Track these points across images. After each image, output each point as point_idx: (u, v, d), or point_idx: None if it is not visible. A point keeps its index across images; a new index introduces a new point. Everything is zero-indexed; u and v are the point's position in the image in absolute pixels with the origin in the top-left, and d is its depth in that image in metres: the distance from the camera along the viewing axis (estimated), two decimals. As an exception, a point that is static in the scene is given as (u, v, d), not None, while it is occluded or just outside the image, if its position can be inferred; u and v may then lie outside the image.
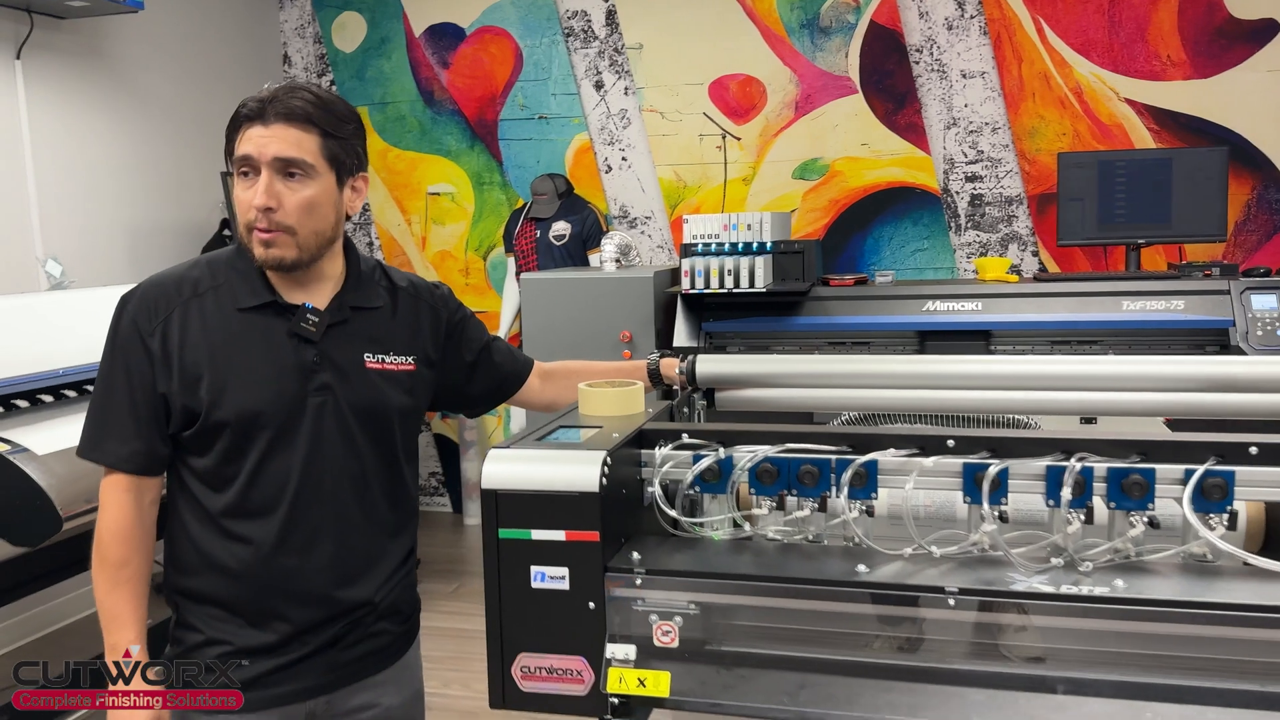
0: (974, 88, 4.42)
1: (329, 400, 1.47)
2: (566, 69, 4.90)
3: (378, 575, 1.55)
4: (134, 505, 1.46)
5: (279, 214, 1.42)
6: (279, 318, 1.48)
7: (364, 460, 1.51)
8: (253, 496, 1.45)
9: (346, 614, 1.51)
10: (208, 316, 1.45)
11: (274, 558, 1.46)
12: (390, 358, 1.55)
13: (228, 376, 1.43)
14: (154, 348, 1.43)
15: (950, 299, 3.52)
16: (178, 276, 1.49)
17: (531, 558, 1.27)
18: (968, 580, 1.20)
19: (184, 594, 1.50)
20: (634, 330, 3.68)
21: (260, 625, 1.47)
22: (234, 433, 1.43)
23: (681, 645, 1.26)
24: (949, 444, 1.32)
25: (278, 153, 1.41)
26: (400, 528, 1.60)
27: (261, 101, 1.43)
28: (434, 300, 1.67)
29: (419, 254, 5.22)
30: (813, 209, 4.64)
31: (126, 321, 1.45)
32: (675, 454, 1.39)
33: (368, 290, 1.57)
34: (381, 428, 1.53)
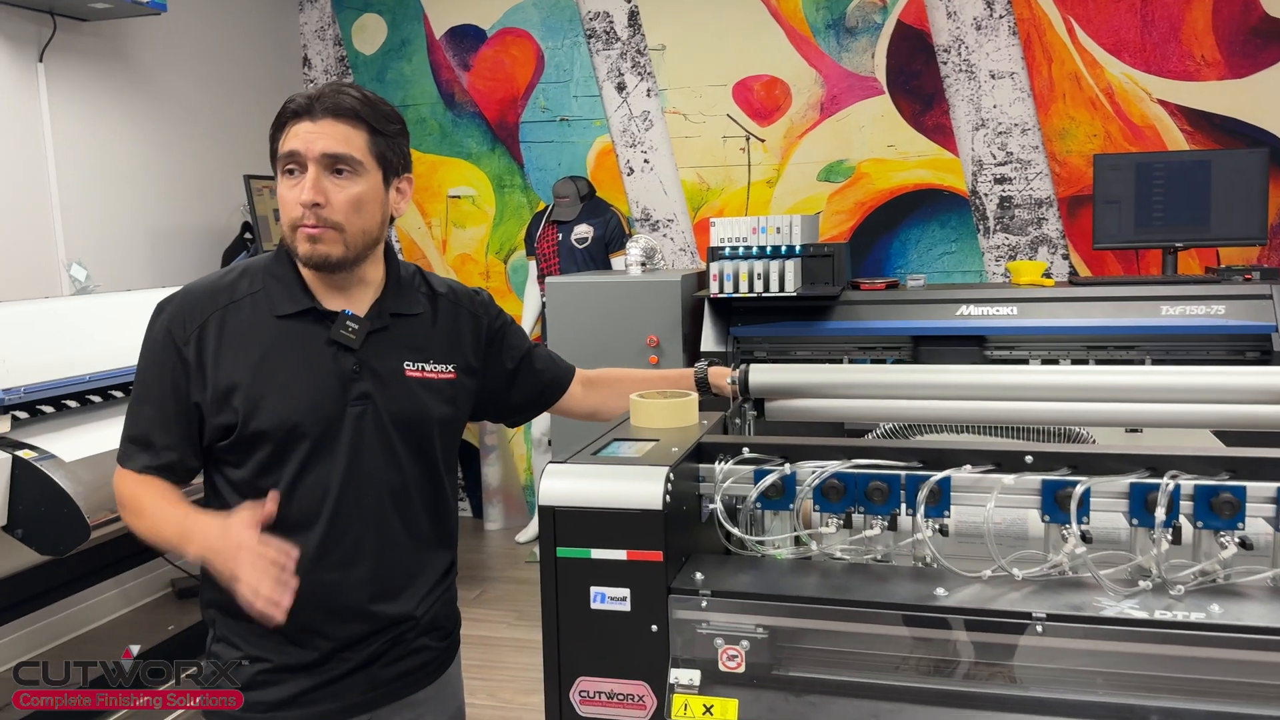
0: (1003, 88, 4.35)
1: (369, 409, 1.43)
2: (588, 70, 4.85)
3: (419, 590, 1.51)
4: None
5: (326, 210, 1.39)
6: (318, 325, 1.44)
7: (405, 471, 1.47)
8: (291, 509, 1.40)
9: (387, 630, 1.47)
10: (245, 324, 1.42)
11: (313, 572, 1.40)
12: (430, 366, 1.51)
13: (265, 386, 1.39)
14: (189, 356, 1.40)
15: (984, 303, 3.46)
16: (213, 283, 1.46)
17: (591, 578, 1.22)
18: (1054, 605, 1.14)
19: (221, 609, 1.46)
20: (660, 335, 3.63)
21: (299, 642, 1.43)
22: (271, 443, 1.39)
23: (748, 670, 1.21)
24: (1027, 460, 1.26)
25: (326, 148, 1.38)
26: (441, 541, 1.56)
27: (309, 98, 1.40)
28: (474, 307, 1.62)
29: (439, 257, 5.18)
30: (838, 211, 4.59)
31: (161, 330, 1.43)
32: (737, 469, 1.34)
33: (408, 297, 1.53)
34: (422, 438, 1.49)
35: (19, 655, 3.65)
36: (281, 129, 1.41)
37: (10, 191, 3.59)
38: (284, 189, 1.40)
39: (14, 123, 3.61)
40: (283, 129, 1.41)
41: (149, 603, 4.08)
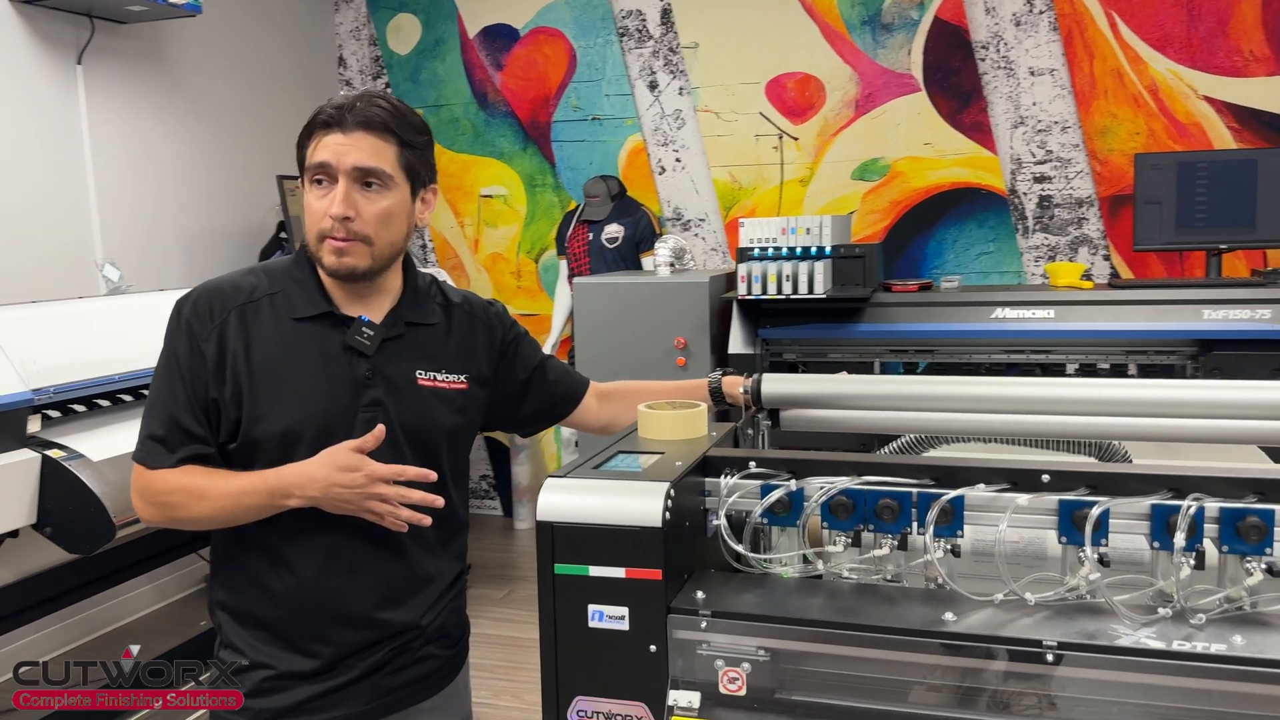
0: (1043, 85, 4.25)
1: (379, 416, 1.43)
2: (620, 69, 4.82)
3: (425, 598, 1.50)
4: None
5: (356, 223, 1.40)
6: (334, 329, 1.44)
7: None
8: (300, 515, 1.40)
9: (392, 638, 1.47)
10: (263, 324, 1.43)
11: (320, 579, 1.42)
12: (443, 375, 1.51)
13: (280, 386, 1.40)
14: (209, 353, 1.40)
15: (1021, 305, 3.38)
16: (234, 282, 1.47)
17: (589, 595, 1.19)
18: (1067, 633, 1.09)
19: (229, 611, 1.47)
20: (688, 336, 3.60)
21: (303, 649, 1.43)
22: (282, 444, 1.40)
23: (749, 694, 1.17)
24: (1044, 479, 1.21)
25: (357, 161, 1.39)
26: (448, 550, 1.56)
27: (339, 109, 1.39)
28: (488, 318, 1.63)
29: (471, 257, 5.18)
30: (872, 211, 4.52)
31: (182, 326, 1.43)
32: (742, 484, 1.30)
33: (424, 306, 1.54)
34: (430, 447, 1.49)
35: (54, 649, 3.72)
36: (310, 137, 1.42)
37: (48, 192, 3.64)
38: (312, 199, 1.41)
39: (53, 124, 3.66)
40: (311, 138, 1.42)
41: (183, 598, 4.14)
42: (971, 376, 1.79)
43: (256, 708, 1.44)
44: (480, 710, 3.24)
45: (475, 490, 5.37)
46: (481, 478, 5.35)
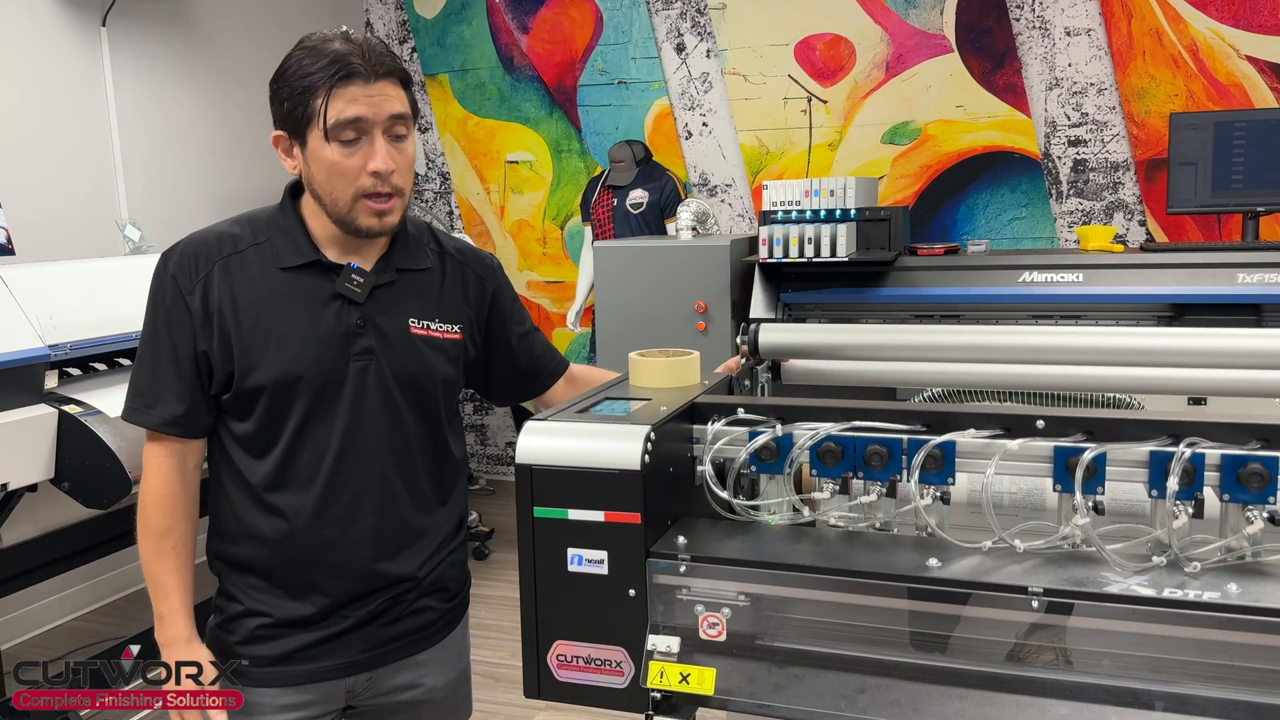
0: (1079, 46, 4.13)
1: (372, 365, 1.41)
2: (647, 32, 4.76)
3: (422, 549, 1.49)
4: (177, 471, 1.42)
5: (395, 177, 1.36)
6: (322, 278, 1.41)
7: (407, 430, 1.45)
8: (292, 463, 1.40)
9: (388, 588, 1.46)
10: (249, 274, 1.39)
11: (313, 528, 1.41)
12: (436, 325, 1.48)
13: (268, 337, 1.37)
14: (195, 306, 1.37)
15: (1048, 269, 3.29)
16: (218, 233, 1.43)
17: (568, 539, 1.18)
18: (1054, 579, 1.05)
19: (225, 561, 1.47)
20: (709, 300, 3.55)
21: (299, 597, 1.43)
22: (273, 396, 1.38)
23: (729, 639, 1.15)
24: (1038, 425, 1.17)
25: (392, 110, 1.34)
26: (446, 500, 1.53)
27: (355, 57, 1.32)
28: (482, 270, 1.58)
29: (497, 223, 5.17)
30: (903, 175, 4.43)
31: (168, 280, 1.39)
32: (729, 430, 1.27)
33: (416, 252, 1.50)
34: (424, 396, 1.47)
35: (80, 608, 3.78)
36: (317, 91, 1.32)
37: (74, 154, 3.68)
38: (341, 156, 1.33)
39: (77, 86, 3.69)
40: (319, 91, 1.32)
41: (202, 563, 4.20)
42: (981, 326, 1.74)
43: (252, 654, 1.44)
44: (499, 671, 3.26)
45: (501, 457, 5.39)
46: (507, 445, 5.37)
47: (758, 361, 1.58)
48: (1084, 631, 1.05)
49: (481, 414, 5.40)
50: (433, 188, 5.30)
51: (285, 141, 1.39)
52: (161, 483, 1.41)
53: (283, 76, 1.36)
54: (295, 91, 1.33)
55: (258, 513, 1.42)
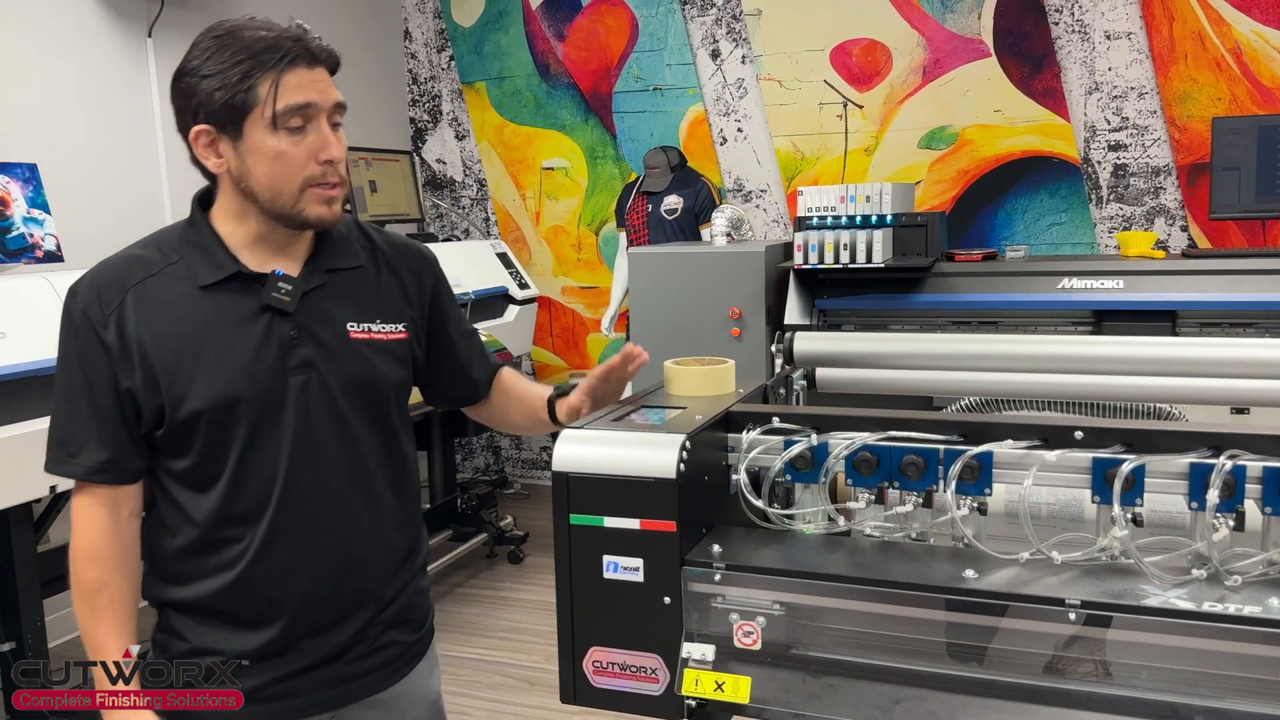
0: (1119, 49, 4.09)
1: (313, 378, 1.30)
2: (683, 38, 4.77)
3: (382, 574, 1.38)
4: (109, 520, 1.30)
5: (340, 165, 1.28)
6: (246, 291, 1.29)
7: (360, 443, 1.34)
8: (239, 494, 1.28)
9: (349, 618, 1.35)
10: (166, 298, 1.27)
11: (265, 559, 1.29)
12: (378, 326, 1.37)
13: (196, 363, 1.26)
14: (110, 340, 1.25)
15: (1088, 275, 3.26)
16: (125, 258, 1.31)
17: (604, 546, 1.19)
18: (1092, 592, 1.05)
19: (169, 604, 1.34)
20: (744, 307, 3.55)
21: (254, 632, 1.31)
22: (210, 425, 1.26)
23: (764, 648, 1.15)
24: (1077, 436, 1.16)
25: (337, 97, 1.27)
26: (405, 518, 1.42)
27: (297, 40, 1.25)
28: (419, 264, 1.47)
29: (532, 229, 5.20)
30: (939, 180, 4.41)
31: (78, 315, 1.27)
32: (764, 439, 1.28)
33: (344, 250, 1.38)
34: (375, 405, 1.36)
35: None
36: (257, 79, 1.22)
37: (121, 162, 3.75)
38: (287, 145, 1.23)
39: (124, 96, 3.77)
40: (259, 76, 1.22)
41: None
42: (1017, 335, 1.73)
43: None
44: (533, 674, 3.28)
45: (535, 462, 5.42)
46: (542, 449, 5.39)
47: (792, 369, 1.58)
48: (1122, 644, 1.04)
49: (517, 418, 5.43)
50: (469, 194, 5.34)
51: (210, 136, 1.25)
52: (93, 534, 1.29)
53: (202, 66, 1.23)
54: (230, 80, 1.21)
55: (205, 551, 1.30)
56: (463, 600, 3.91)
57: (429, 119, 5.38)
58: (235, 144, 1.24)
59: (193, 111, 1.24)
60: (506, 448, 5.48)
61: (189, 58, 1.25)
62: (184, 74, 1.25)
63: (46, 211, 2.91)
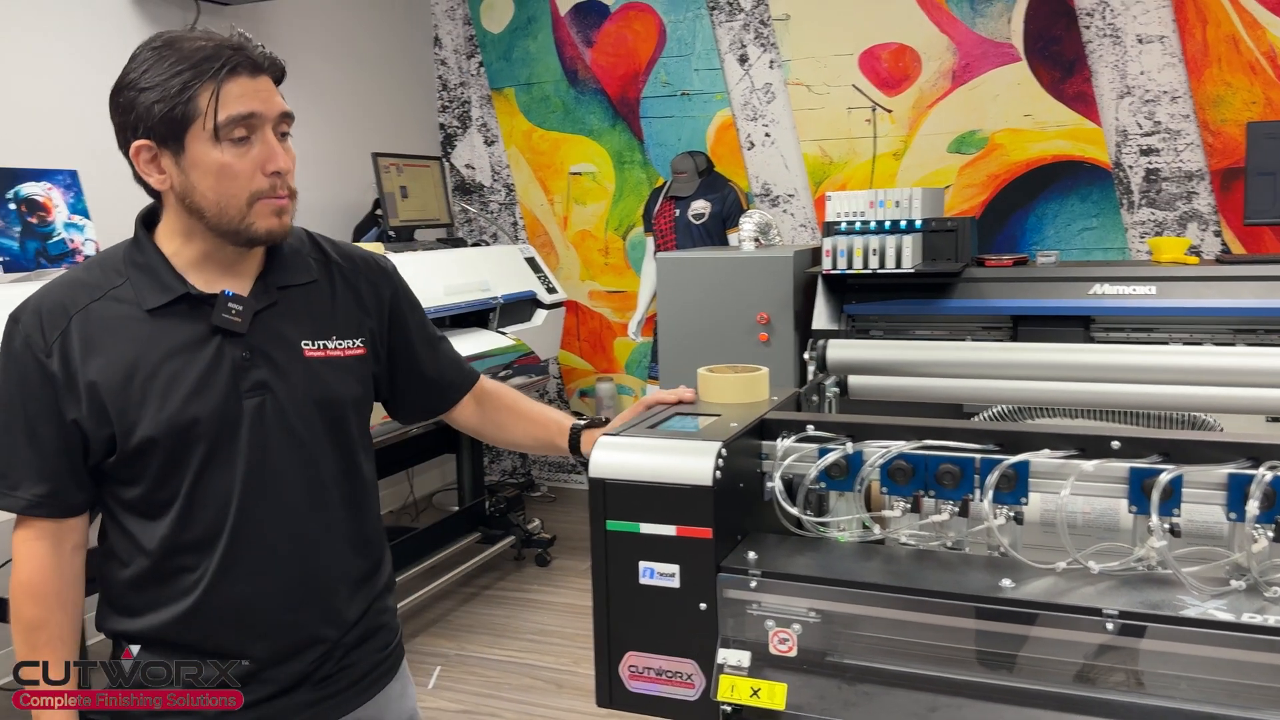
0: (1151, 53, 4.06)
1: (268, 400, 1.25)
2: (710, 43, 4.78)
3: (344, 597, 1.34)
4: (51, 555, 1.25)
5: (289, 178, 1.24)
6: (195, 313, 1.24)
7: (318, 464, 1.30)
8: (191, 521, 1.24)
9: (313, 645, 1.32)
10: (112, 323, 1.22)
11: (222, 586, 1.25)
12: (334, 343, 1.32)
13: (147, 390, 1.21)
14: (54, 369, 1.21)
15: (1120, 281, 3.24)
16: (68, 282, 1.26)
17: (640, 552, 1.20)
18: (1130, 602, 1.05)
19: (124, 637, 1.30)
20: (771, 312, 3.56)
21: (215, 662, 1.28)
22: (162, 453, 1.22)
23: (800, 655, 1.16)
24: (1113, 445, 1.16)
25: (282, 107, 1.23)
26: (366, 540, 1.38)
27: (238, 49, 1.19)
28: (375, 275, 1.42)
29: (560, 233, 5.23)
30: (969, 185, 4.39)
31: (19, 344, 1.22)
32: (799, 446, 1.29)
33: (296, 265, 1.33)
34: (333, 426, 1.32)
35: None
36: (196, 89, 1.17)
37: (156, 169, 3.80)
38: (231, 157, 1.19)
39: (160, 104, 3.82)
40: (204, 88, 1.17)
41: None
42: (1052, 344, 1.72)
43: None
44: (561, 677, 3.29)
45: (562, 465, 5.44)
46: (569, 452, 5.41)
47: (824, 375, 1.58)
48: (1159, 655, 1.04)
49: (544, 422, 5.46)
50: (498, 199, 5.38)
51: (151, 151, 1.21)
52: (33, 569, 1.25)
53: (140, 79, 1.19)
54: (169, 92, 1.17)
55: (159, 580, 1.26)
56: (491, 602, 3.93)
57: (458, 125, 5.42)
58: (177, 158, 1.20)
59: (132, 126, 1.21)
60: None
61: (127, 71, 1.21)
62: (122, 88, 1.21)
63: (86, 217, 2.96)
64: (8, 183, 2.80)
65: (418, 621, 3.75)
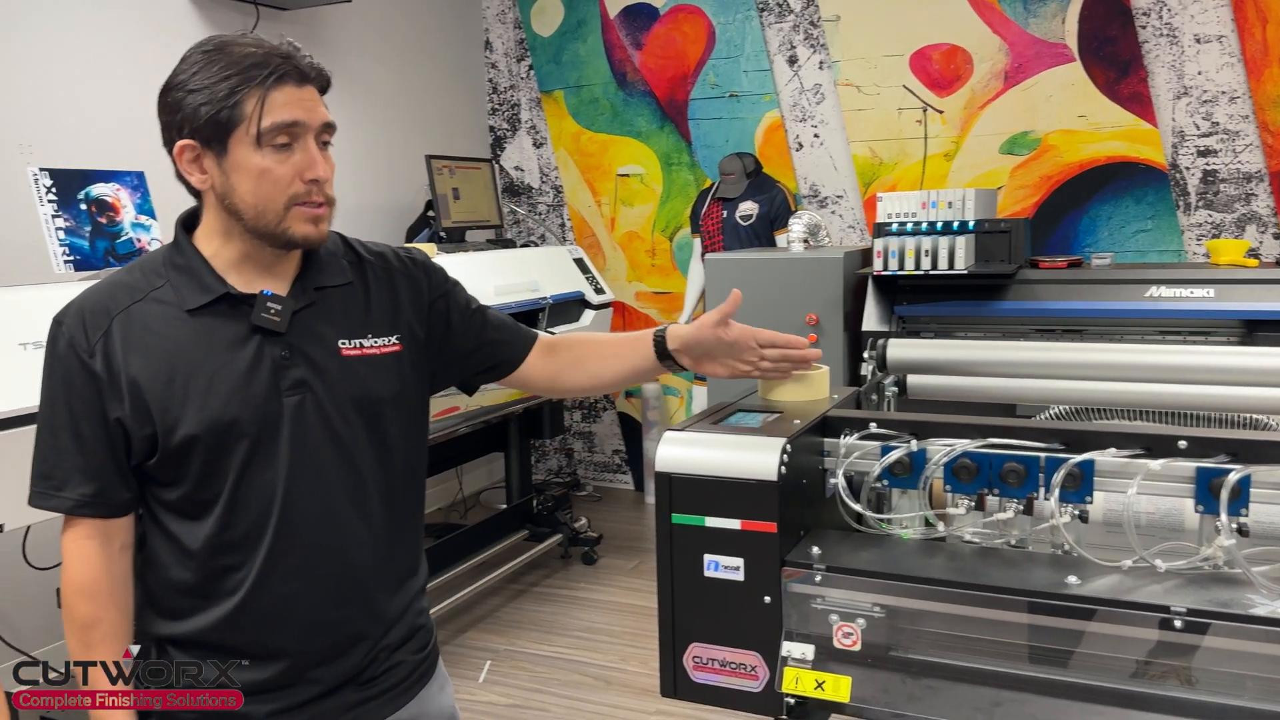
0: (1209, 53, 4.00)
1: (307, 398, 1.27)
2: (760, 45, 4.79)
3: (386, 595, 1.36)
4: (100, 554, 1.27)
5: (328, 186, 1.27)
6: (235, 313, 1.26)
7: (358, 463, 1.32)
8: (235, 520, 1.25)
9: (357, 643, 1.33)
10: (154, 324, 1.24)
11: (267, 585, 1.26)
12: (370, 341, 1.34)
13: (188, 389, 1.23)
14: (98, 369, 1.23)
15: (1178, 284, 3.20)
16: (110, 285, 1.28)
17: (705, 545, 1.22)
18: (1198, 600, 1.05)
19: (168, 641, 1.31)
20: (821, 313, 3.56)
21: (260, 662, 1.29)
22: (206, 451, 1.23)
23: (864, 649, 1.17)
24: (1180, 445, 1.16)
25: (325, 117, 1.26)
26: (407, 540, 1.40)
27: (287, 58, 1.22)
28: (409, 269, 1.43)
29: (607, 235, 5.26)
30: (1021, 186, 4.36)
31: (63, 345, 1.24)
32: (861, 444, 1.30)
33: (331, 267, 1.36)
34: (371, 423, 1.33)
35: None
36: (243, 94, 1.20)
37: (217, 170, 3.89)
38: (272, 162, 1.21)
39: (221, 107, 3.91)
40: (251, 94, 1.20)
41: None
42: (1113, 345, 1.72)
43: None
44: (609, 674, 3.32)
45: (607, 465, 5.47)
46: (614, 452, 5.44)
47: (884, 374, 1.59)
48: (1227, 653, 1.04)
49: (590, 421, 5.49)
50: (546, 200, 5.42)
51: (194, 151, 1.23)
52: (84, 569, 1.26)
53: (189, 80, 1.22)
54: (217, 95, 1.20)
55: (203, 581, 1.27)
56: (538, 599, 3.97)
57: (508, 127, 5.48)
58: (219, 160, 1.22)
59: (178, 126, 1.23)
60: (579, 450, 5.55)
61: (177, 71, 1.24)
62: (171, 88, 1.24)
63: (153, 217, 3.04)
64: (78, 184, 2.89)
65: (467, 617, 3.80)
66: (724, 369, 1.43)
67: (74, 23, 3.40)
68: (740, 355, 1.44)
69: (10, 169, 3.18)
